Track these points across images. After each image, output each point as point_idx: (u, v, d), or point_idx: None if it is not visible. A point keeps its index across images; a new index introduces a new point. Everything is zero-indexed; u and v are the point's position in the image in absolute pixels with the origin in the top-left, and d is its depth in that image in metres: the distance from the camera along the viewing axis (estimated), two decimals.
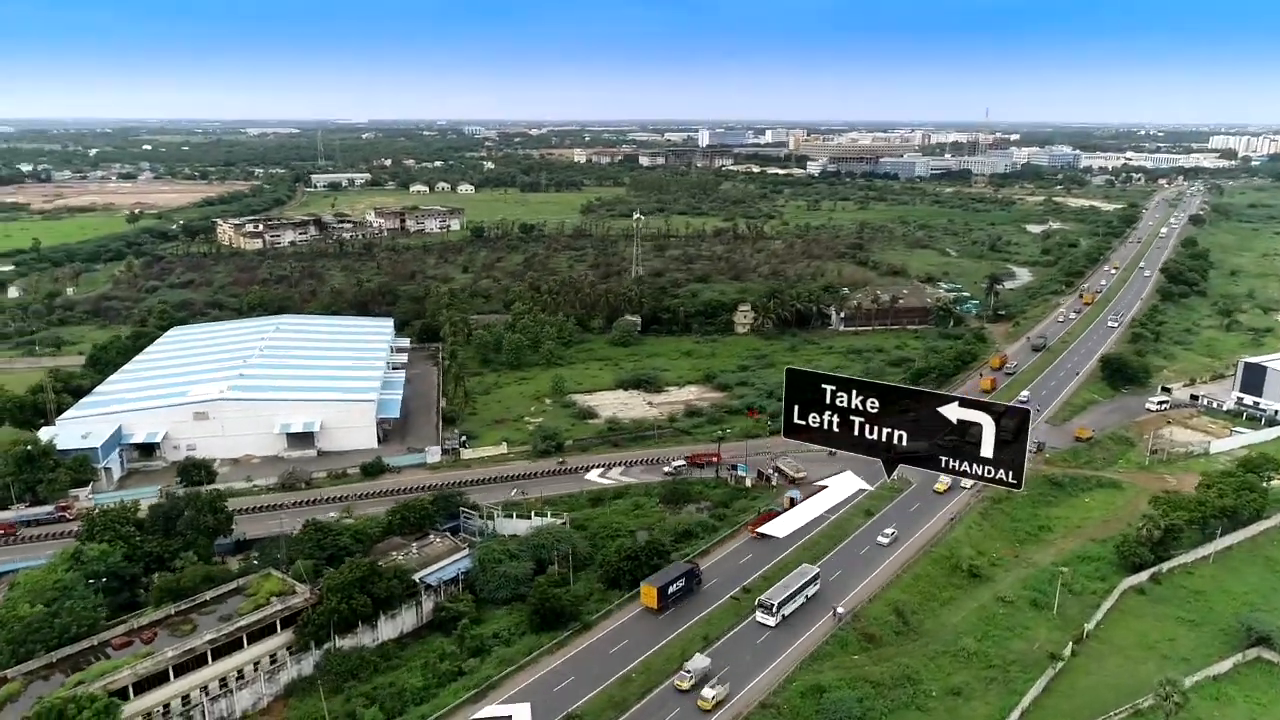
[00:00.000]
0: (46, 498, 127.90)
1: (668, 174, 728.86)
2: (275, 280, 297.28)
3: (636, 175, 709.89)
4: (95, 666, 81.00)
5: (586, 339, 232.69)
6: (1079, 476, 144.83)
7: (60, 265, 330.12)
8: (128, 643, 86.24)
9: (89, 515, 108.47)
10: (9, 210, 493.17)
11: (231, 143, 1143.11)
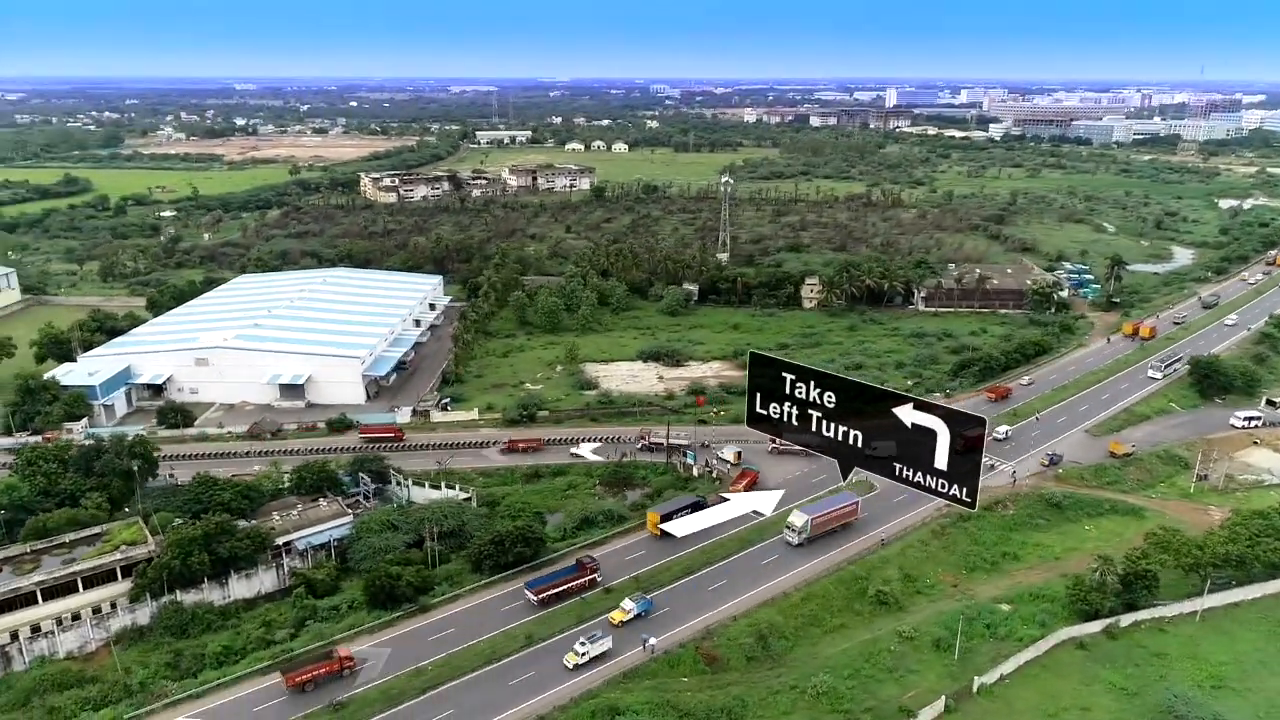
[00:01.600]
0: (41, 429, 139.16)
1: (832, 135, 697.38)
2: (383, 234, 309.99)
3: (795, 136, 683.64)
4: None
5: (637, 306, 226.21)
6: (1089, 498, 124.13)
7: (212, 211, 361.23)
8: None
9: (21, 450, 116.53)
10: (206, 161, 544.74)
11: (429, 100, 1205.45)
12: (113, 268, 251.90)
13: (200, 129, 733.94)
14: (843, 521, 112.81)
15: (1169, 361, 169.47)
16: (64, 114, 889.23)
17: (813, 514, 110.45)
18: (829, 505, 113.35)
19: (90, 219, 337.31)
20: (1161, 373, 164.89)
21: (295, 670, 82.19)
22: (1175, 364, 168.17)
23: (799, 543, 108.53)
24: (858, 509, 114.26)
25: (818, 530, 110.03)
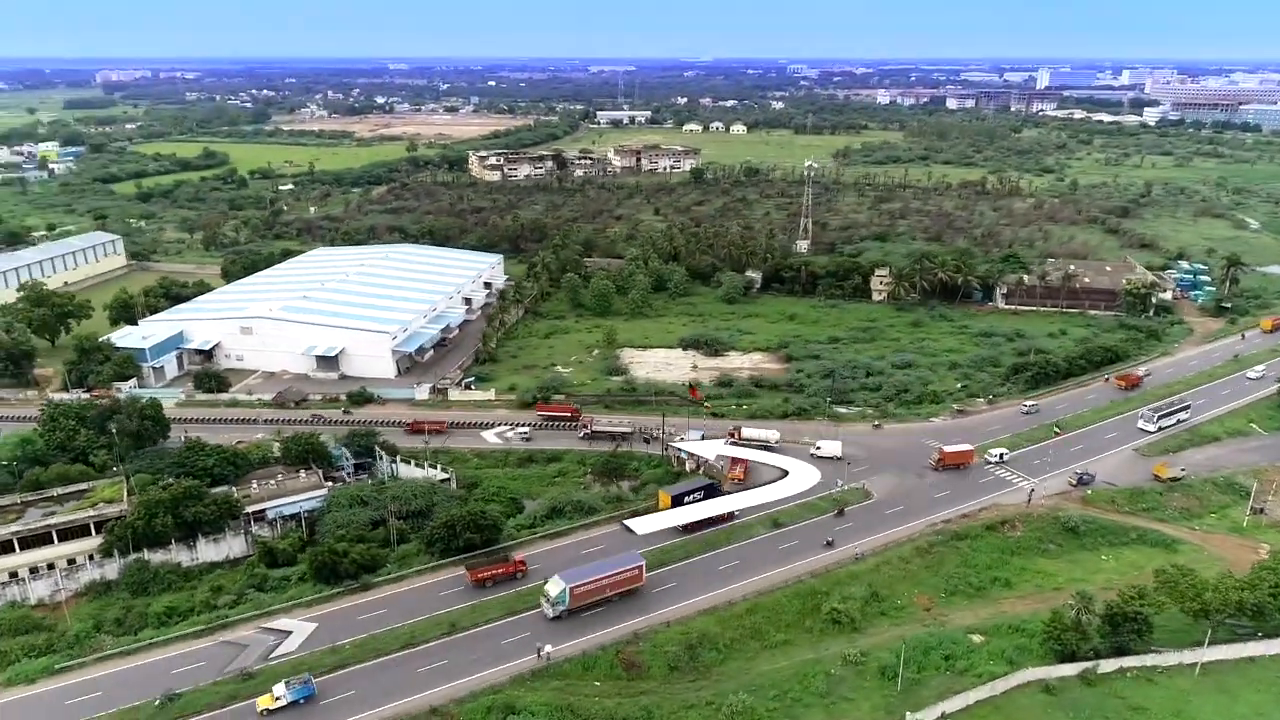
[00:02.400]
0: (93, 387, 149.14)
1: (965, 119, 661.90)
2: (471, 211, 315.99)
3: (924, 120, 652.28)
4: None
5: (697, 292, 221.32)
6: (1114, 525, 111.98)
7: (328, 186, 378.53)
8: None
9: (46, 406, 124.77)
10: (338, 137, 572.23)
11: (564, 80, 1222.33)
12: (215, 237, 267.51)
13: (342, 107, 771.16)
14: (620, 589, 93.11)
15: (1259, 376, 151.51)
16: (227, 92, 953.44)
17: (576, 580, 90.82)
18: (601, 569, 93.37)
19: (214, 190, 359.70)
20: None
21: (478, 568, 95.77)
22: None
23: (555, 615, 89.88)
24: (641, 573, 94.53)
25: (582, 600, 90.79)
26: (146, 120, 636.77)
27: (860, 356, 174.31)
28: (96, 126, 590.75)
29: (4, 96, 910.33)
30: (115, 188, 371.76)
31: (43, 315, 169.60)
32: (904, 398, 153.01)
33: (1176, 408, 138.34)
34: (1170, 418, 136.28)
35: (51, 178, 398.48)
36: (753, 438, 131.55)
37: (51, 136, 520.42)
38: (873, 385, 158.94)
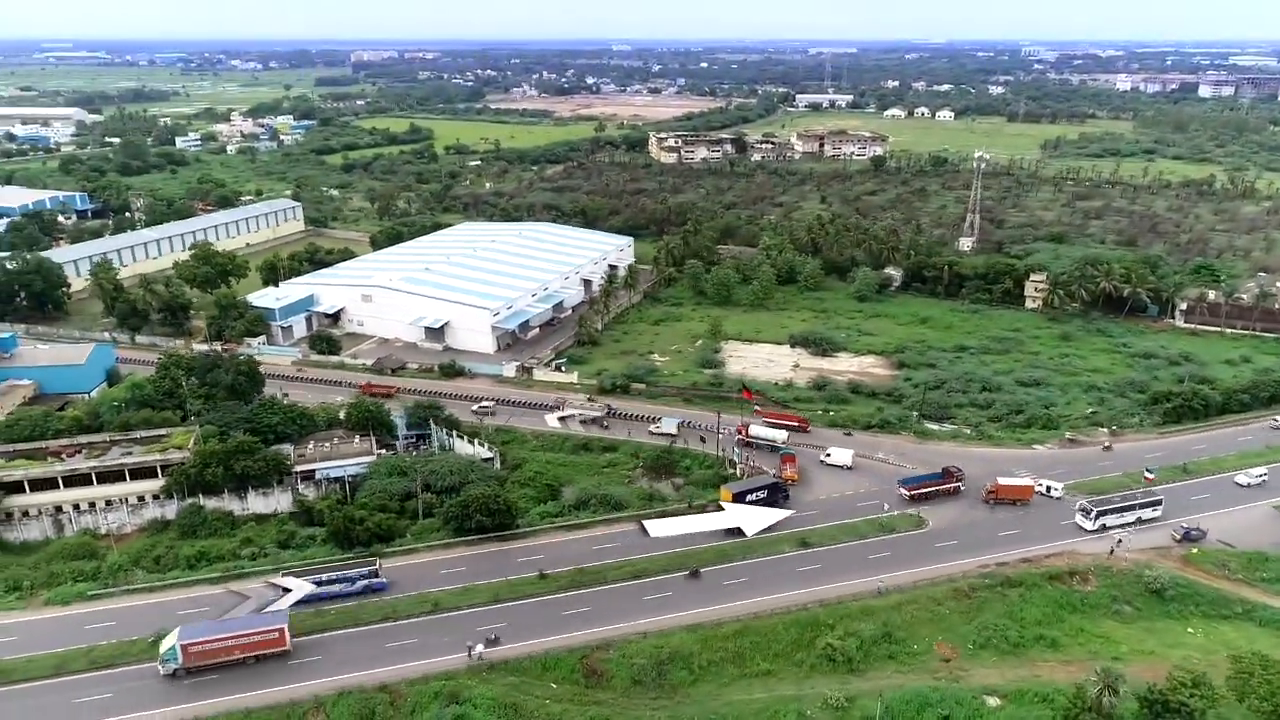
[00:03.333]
0: (226, 340, 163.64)
1: (1216, 108, 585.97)
2: (631, 193, 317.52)
3: (1161, 109, 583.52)
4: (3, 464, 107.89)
5: (830, 286, 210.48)
6: (1218, 594, 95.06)
7: (511, 163, 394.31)
8: (56, 451, 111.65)
9: (166, 355, 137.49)
10: (538, 116, 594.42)
11: (778, 62, 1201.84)
12: (389, 208, 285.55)
13: (552, 87, 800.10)
14: (252, 651, 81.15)
15: None
16: (455, 71, 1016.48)
17: (193, 637, 79.96)
18: (229, 627, 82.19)
19: (407, 164, 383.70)
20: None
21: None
22: None
23: (169, 674, 79.41)
24: (284, 636, 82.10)
25: (199, 660, 79.28)
26: (375, 97, 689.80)
27: (984, 369, 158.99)
28: (332, 102, 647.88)
29: (270, 74, 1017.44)
30: (327, 158, 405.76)
31: (205, 272, 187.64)
32: (1013, 419, 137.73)
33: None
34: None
35: (280, 148, 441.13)
36: (760, 436, 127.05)
37: (292, 111, 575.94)
38: (983, 402, 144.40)
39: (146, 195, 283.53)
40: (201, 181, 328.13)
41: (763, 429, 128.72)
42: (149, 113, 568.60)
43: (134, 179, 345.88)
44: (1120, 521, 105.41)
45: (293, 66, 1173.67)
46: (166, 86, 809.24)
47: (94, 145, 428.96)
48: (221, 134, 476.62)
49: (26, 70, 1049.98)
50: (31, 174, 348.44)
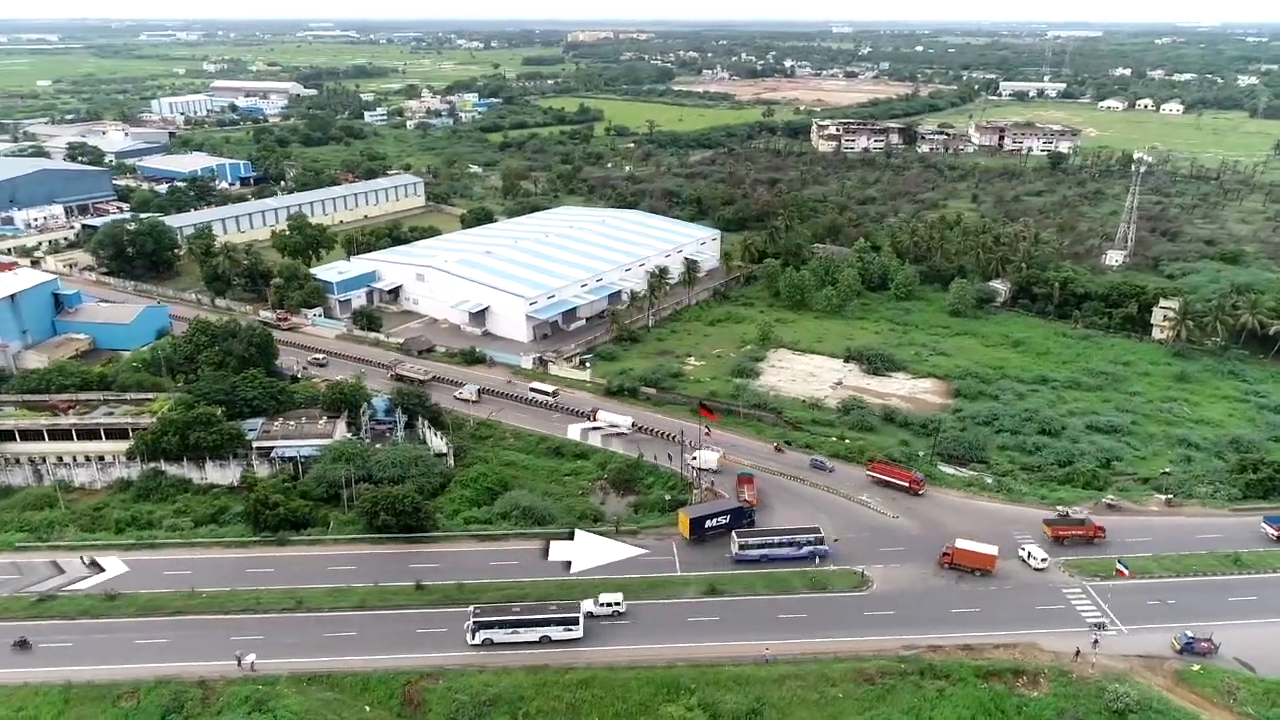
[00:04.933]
0: (284, 309, 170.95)
1: None
2: (766, 183, 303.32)
3: None
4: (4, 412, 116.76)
5: (924, 296, 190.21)
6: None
7: (663, 146, 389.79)
8: (56, 404, 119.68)
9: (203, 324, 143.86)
10: (717, 99, 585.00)
11: (1005, 45, 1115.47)
12: (514, 188, 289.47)
13: (745, 69, 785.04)
14: None
15: None
16: (661, 53, 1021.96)
17: None
18: None
19: (559, 144, 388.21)
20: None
21: (1057, 525, 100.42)
22: None
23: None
24: None
25: None
26: (567, 77, 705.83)
27: (1056, 407, 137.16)
28: (524, 81, 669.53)
29: (487, 54, 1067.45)
30: (490, 136, 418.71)
31: (296, 242, 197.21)
32: (1055, 471, 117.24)
33: None
34: None
35: (456, 124, 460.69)
36: (607, 422, 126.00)
37: (483, 89, 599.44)
38: (1032, 447, 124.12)
39: (298, 165, 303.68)
40: (363, 155, 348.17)
41: (609, 415, 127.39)
42: (359, 88, 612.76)
43: (313, 149, 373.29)
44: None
45: (511, 46, 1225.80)
46: (391, 64, 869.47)
47: (296, 117, 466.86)
48: (409, 110, 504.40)
49: (283, 47, 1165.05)
50: (232, 142, 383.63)
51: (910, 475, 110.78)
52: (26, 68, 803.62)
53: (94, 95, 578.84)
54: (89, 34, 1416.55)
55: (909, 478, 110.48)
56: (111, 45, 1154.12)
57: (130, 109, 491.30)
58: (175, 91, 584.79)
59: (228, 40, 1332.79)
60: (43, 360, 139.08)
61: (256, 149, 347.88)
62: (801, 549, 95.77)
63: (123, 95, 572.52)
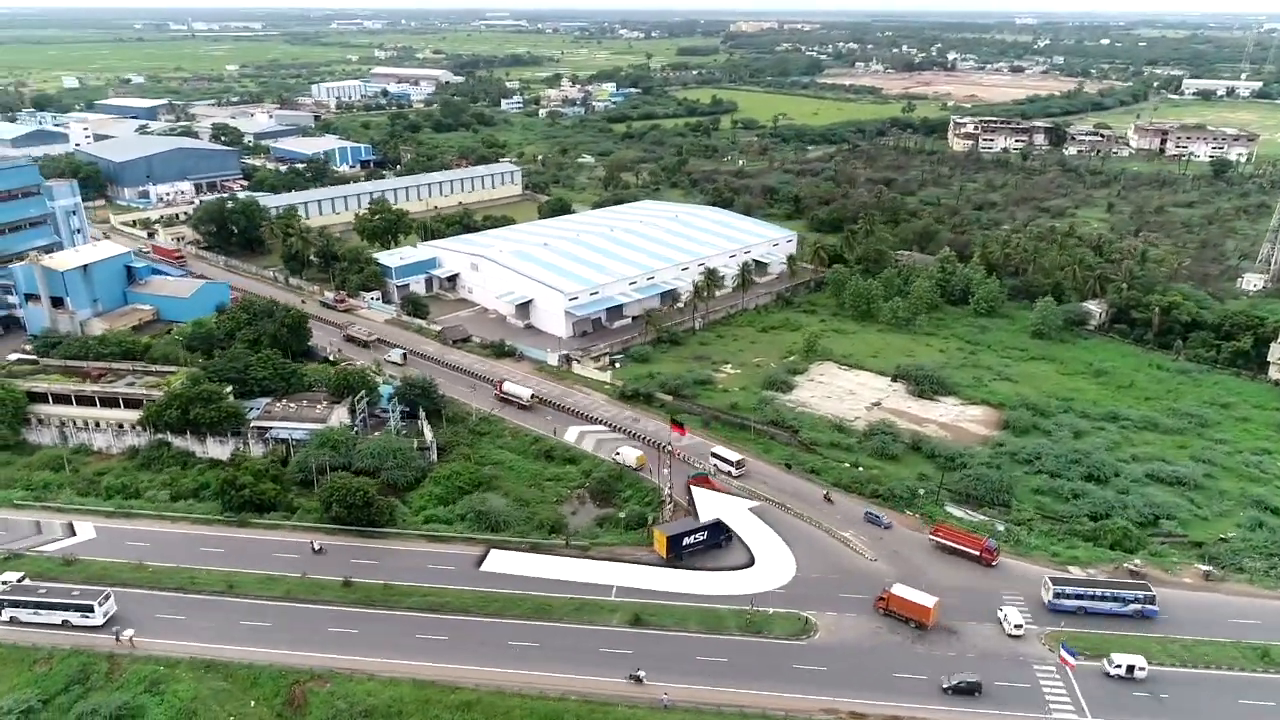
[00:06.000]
0: (343, 292, 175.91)
1: None
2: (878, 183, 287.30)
3: None
4: (41, 376, 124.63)
5: (1008, 313, 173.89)
6: None
7: (786, 141, 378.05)
8: (87, 371, 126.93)
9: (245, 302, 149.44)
10: (862, 93, 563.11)
11: (1203, 40, 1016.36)
12: (614, 179, 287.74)
13: (900, 62, 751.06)
14: None
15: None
16: (821, 43, 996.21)
17: None
18: None
19: (679, 136, 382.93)
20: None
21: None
22: None
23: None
24: None
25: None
26: (711, 67, 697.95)
27: (1117, 450, 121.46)
28: (668, 72, 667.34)
29: (644, 43, 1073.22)
30: (615, 126, 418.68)
31: (375, 225, 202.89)
32: (1083, 524, 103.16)
33: None
34: None
35: (585, 114, 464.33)
36: (511, 394, 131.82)
37: (625, 79, 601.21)
38: (1067, 493, 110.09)
39: (413, 150, 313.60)
40: (483, 141, 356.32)
41: (514, 387, 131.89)
42: (508, 76, 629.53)
43: (442, 135, 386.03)
44: None
45: (672, 36, 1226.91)
46: (549, 53, 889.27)
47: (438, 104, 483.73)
48: (547, 98, 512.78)
49: (455, 36, 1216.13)
50: (371, 127, 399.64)
51: (980, 542, 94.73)
52: (223, 53, 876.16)
53: (270, 79, 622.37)
54: (288, 22, 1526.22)
55: (979, 545, 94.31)
56: (303, 33, 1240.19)
57: (291, 93, 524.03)
58: (340, 77, 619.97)
59: (408, 29, 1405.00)
60: (104, 328, 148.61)
61: (387, 133, 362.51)
62: (1127, 605, 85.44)
63: (294, 80, 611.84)
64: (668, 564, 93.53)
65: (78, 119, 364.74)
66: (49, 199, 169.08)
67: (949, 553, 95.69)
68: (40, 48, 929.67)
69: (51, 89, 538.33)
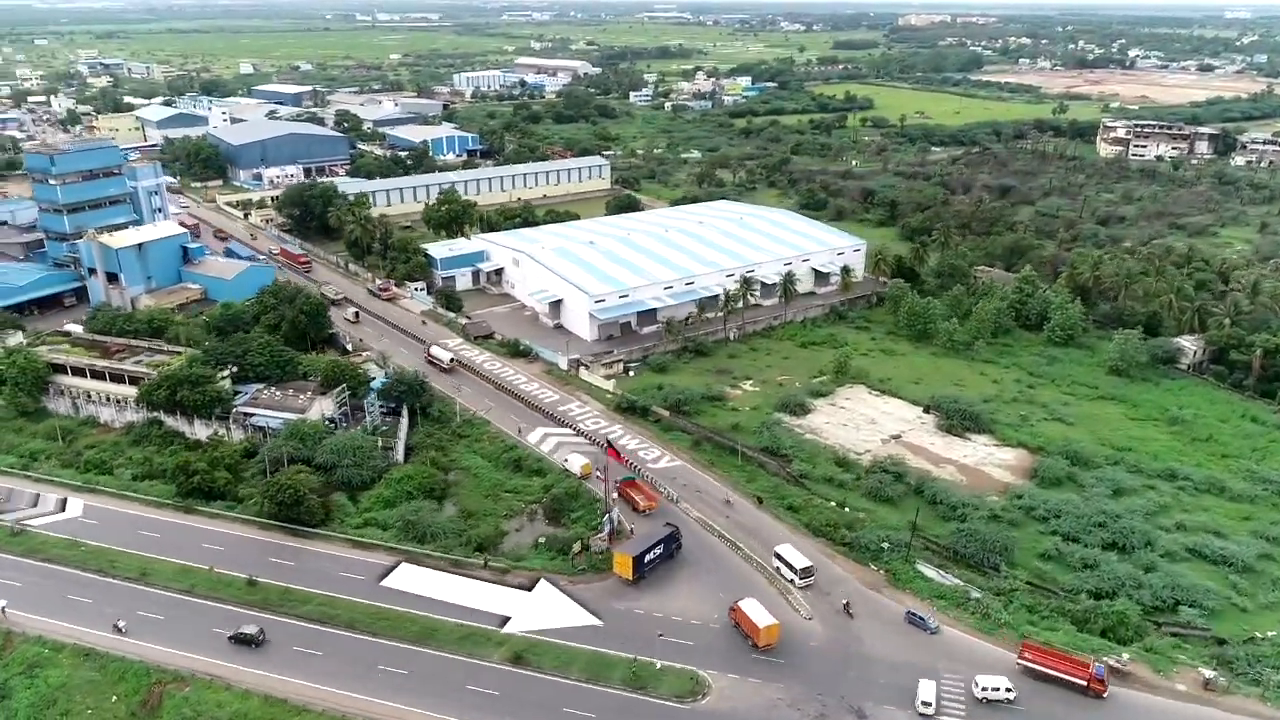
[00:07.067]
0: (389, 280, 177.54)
1: None
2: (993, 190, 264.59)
3: None
4: (64, 346, 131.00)
5: (1086, 344, 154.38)
6: None
7: (913, 141, 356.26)
8: (109, 346, 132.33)
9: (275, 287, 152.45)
10: (1015, 91, 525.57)
11: None
12: (709, 176, 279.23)
13: (1073, 58, 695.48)
14: None
15: None
16: (995, 37, 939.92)
17: None
18: None
19: (797, 134, 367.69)
20: None
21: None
22: None
23: None
24: None
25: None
26: (859, 62, 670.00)
27: (1160, 517, 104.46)
28: (812, 66, 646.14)
29: (801, 36, 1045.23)
30: (736, 122, 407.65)
31: (441, 215, 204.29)
32: (1079, 603, 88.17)
33: None
34: None
35: (712, 109, 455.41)
36: (436, 358, 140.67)
37: (765, 73, 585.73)
38: (1077, 562, 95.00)
39: (516, 140, 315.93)
40: (594, 134, 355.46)
41: (440, 351, 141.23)
42: (649, 68, 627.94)
43: (561, 126, 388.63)
44: None
45: (835, 29, 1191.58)
46: (702, 45, 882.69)
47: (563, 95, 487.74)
48: (678, 91, 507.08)
49: (615, 28, 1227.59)
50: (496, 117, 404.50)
51: (1085, 668, 75.47)
52: (393, 43, 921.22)
53: (424, 68, 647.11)
54: (461, 13, 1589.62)
55: (1083, 672, 75.20)
56: (474, 24, 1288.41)
57: (437, 82, 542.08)
58: (488, 67, 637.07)
59: (574, 20, 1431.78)
60: (151, 304, 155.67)
61: (504, 123, 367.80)
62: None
63: (443, 70, 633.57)
64: (633, 584, 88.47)
65: (227, 103, 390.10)
66: (130, 179, 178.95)
67: (1043, 679, 76.09)
68: (236, 36, 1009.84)
69: (229, 74, 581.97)
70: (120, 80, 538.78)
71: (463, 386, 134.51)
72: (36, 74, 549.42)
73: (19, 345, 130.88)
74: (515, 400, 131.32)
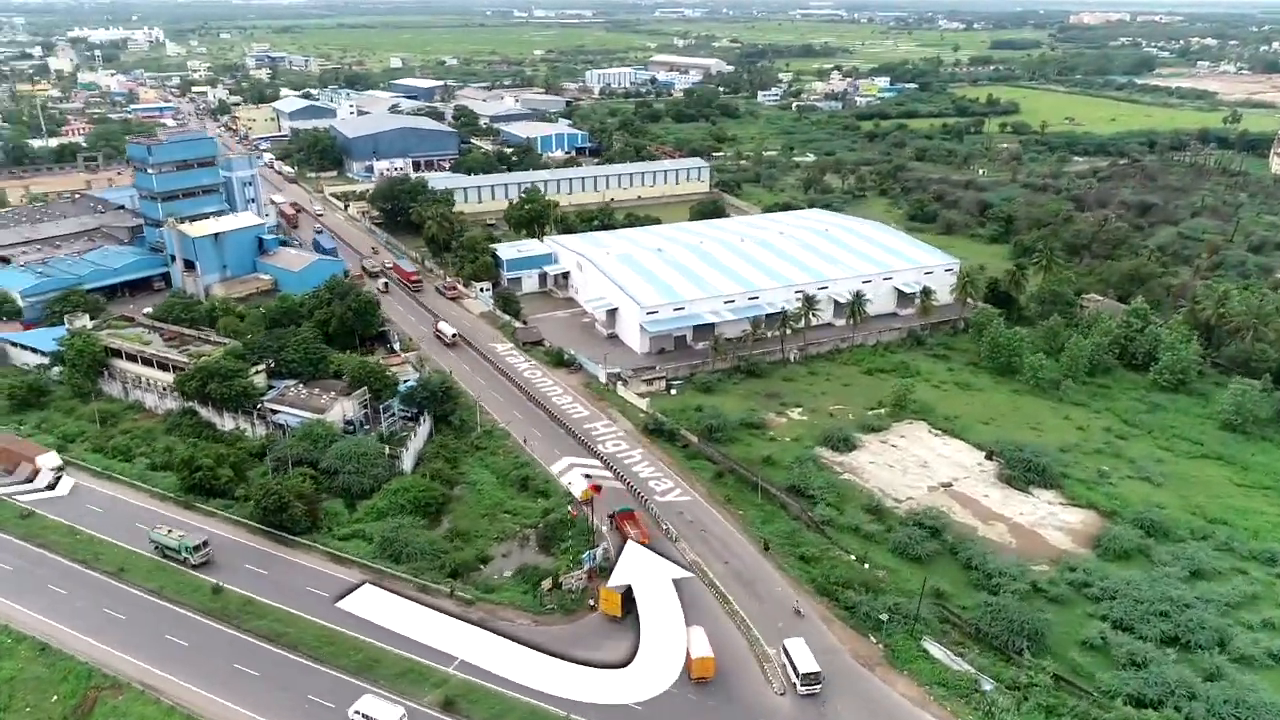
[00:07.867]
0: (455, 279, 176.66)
1: None
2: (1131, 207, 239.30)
3: None
4: (126, 331, 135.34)
5: (1200, 390, 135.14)
6: None
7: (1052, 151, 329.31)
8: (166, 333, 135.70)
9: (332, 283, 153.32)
10: (1185, 96, 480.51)
11: None
12: (816, 181, 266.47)
13: (1260, 62, 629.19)
14: None
15: None
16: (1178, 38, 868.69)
17: None
18: None
19: (926, 139, 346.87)
20: None
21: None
22: None
23: None
24: None
25: None
26: (1013, 63, 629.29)
27: (1246, 609, 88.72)
28: (960, 67, 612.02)
29: (958, 34, 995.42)
30: (863, 124, 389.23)
31: (520, 215, 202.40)
32: (1112, 710, 74.60)
33: None
34: None
35: (841, 110, 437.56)
36: (443, 332, 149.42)
37: (908, 73, 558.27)
38: (1124, 660, 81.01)
39: (623, 139, 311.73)
40: (710, 134, 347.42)
41: (446, 326, 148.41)
42: (787, 67, 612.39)
43: (680, 125, 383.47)
44: None
45: (997, 27, 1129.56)
46: (850, 43, 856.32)
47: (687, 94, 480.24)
48: (810, 91, 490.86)
49: (764, 26, 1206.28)
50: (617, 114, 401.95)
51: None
52: (543, 39, 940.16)
53: (564, 64, 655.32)
54: (616, 10, 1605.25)
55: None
56: (624, 20, 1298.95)
57: (567, 78, 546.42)
58: (625, 64, 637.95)
59: (724, 18, 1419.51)
60: (221, 293, 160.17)
61: (620, 122, 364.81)
62: None
63: (580, 66, 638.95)
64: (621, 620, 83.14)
65: (361, 97, 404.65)
66: (224, 170, 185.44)
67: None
68: (398, 32, 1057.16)
69: (379, 68, 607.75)
70: (279, 72, 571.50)
71: (495, 395, 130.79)
72: (204, 65, 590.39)
73: (82, 328, 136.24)
74: (541, 412, 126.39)
